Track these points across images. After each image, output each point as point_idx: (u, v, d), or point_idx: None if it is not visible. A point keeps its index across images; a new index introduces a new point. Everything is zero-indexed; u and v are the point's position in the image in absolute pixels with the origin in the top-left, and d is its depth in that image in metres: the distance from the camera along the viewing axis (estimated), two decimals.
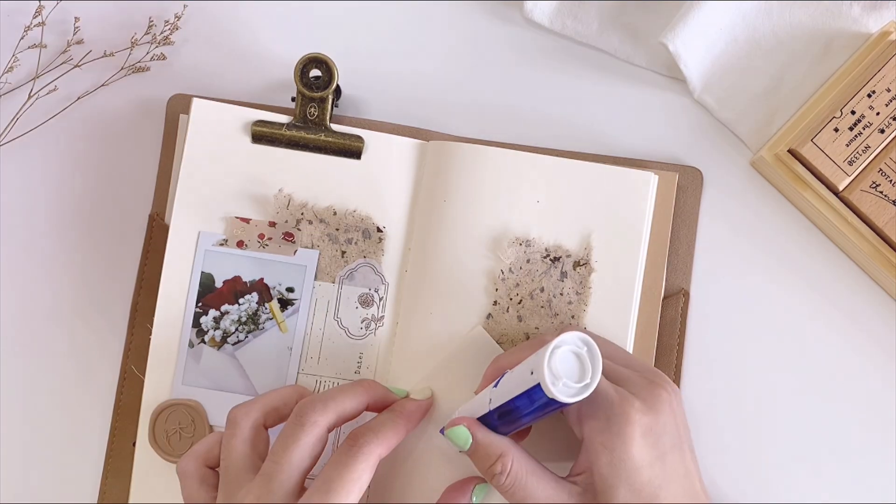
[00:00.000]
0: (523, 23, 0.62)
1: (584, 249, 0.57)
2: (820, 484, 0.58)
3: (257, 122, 0.58)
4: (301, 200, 0.58)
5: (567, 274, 0.57)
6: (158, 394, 0.57)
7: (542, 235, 0.57)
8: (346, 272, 0.57)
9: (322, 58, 0.57)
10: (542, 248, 0.57)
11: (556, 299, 0.56)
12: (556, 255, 0.57)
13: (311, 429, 0.48)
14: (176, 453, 0.56)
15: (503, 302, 0.56)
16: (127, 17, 0.62)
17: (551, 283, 0.57)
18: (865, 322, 0.59)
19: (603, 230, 0.57)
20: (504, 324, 0.56)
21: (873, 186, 0.57)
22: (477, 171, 0.57)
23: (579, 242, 0.57)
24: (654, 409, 0.48)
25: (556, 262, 0.57)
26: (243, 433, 0.49)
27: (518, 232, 0.57)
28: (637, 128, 0.61)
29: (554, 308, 0.56)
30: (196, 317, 0.57)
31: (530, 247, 0.57)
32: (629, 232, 0.57)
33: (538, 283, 0.57)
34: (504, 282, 0.56)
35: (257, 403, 0.51)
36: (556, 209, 0.57)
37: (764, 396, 0.59)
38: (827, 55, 0.60)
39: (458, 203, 0.57)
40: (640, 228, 0.57)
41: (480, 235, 0.57)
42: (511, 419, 0.48)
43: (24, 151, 0.61)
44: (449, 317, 0.56)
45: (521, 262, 0.57)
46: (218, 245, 0.57)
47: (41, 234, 0.60)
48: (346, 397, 0.50)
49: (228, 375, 0.57)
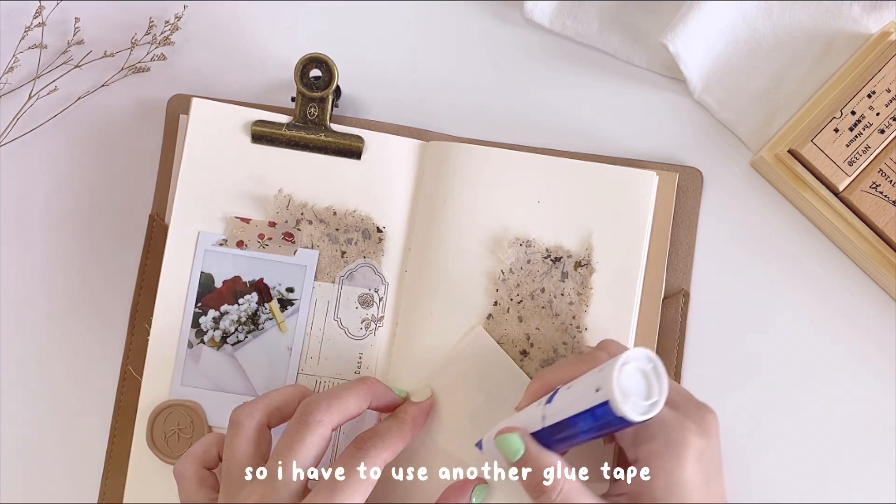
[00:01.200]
0: (523, 23, 0.62)
1: (584, 250, 0.57)
2: (820, 484, 0.58)
3: (257, 122, 0.58)
4: (301, 200, 0.58)
5: (568, 274, 0.56)
6: (157, 394, 0.57)
7: (542, 236, 0.57)
8: (345, 272, 0.57)
9: (322, 58, 0.57)
10: (543, 248, 0.57)
11: (556, 300, 0.56)
12: (557, 256, 0.57)
13: (317, 428, 0.48)
14: (174, 454, 0.56)
15: (503, 302, 0.56)
16: (127, 17, 0.62)
17: (552, 283, 0.56)
18: (865, 322, 0.59)
19: (604, 230, 0.57)
20: (505, 324, 0.56)
21: (873, 187, 0.57)
22: (477, 172, 0.57)
23: (580, 243, 0.57)
24: (706, 434, 0.48)
25: (556, 263, 0.57)
26: (247, 433, 0.49)
27: (518, 232, 0.57)
28: (637, 128, 0.61)
29: (555, 308, 0.56)
30: (195, 317, 0.57)
31: (531, 247, 0.57)
32: (630, 232, 0.57)
33: (539, 284, 0.57)
34: (504, 282, 0.56)
35: (260, 403, 0.50)
36: (557, 209, 0.57)
37: (764, 396, 0.59)
38: (827, 55, 0.60)
39: (459, 203, 0.57)
40: (642, 228, 0.57)
41: (481, 236, 0.57)
42: (566, 437, 0.47)
43: (24, 151, 0.61)
44: (449, 317, 0.56)
45: (521, 263, 0.56)
46: (217, 245, 0.57)
47: (41, 234, 0.60)
48: (349, 396, 0.50)
49: (228, 376, 0.57)
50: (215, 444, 0.51)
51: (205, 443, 0.51)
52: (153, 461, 0.56)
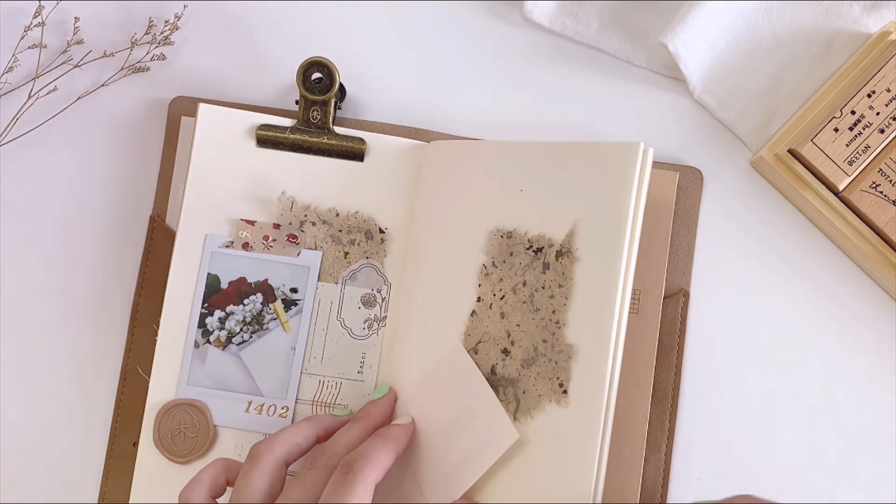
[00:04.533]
0: (523, 23, 0.62)
1: (566, 237, 0.51)
2: (820, 483, 0.58)
3: (262, 126, 0.58)
4: (305, 202, 0.58)
5: (549, 265, 0.52)
6: (163, 394, 0.57)
7: (525, 226, 0.53)
8: (348, 273, 0.58)
9: (323, 61, 0.57)
10: (526, 239, 0.53)
11: (538, 293, 0.52)
12: (539, 246, 0.53)
13: (258, 463, 0.49)
14: (180, 453, 0.56)
15: (486, 298, 0.54)
16: (127, 17, 0.62)
17: (534, 276, 0.53)
18: (865, 322, 0.59)
19: (587, 213, 0.51)
20: (487, 321, 0.54)
21: (873, 186, 0.57)
22: (464, 167, 0.56)
23: (563, 230, 0.52)
24: None
25: (538, 254, 0.53)
26: (264, 467, 0.50)
27: (502, 224, 0.54)
28: (637, 128, 0.61)
29: (535, 303, 0.52)
30: (202, 317, 0.57)
31: (512, 238, 0.54)
32: (613, 210, 0.50)
33: (521, 277, 0.53)
34: (488, 277, 0.54)
35: (279, 439, 0.51)
36: (540, 196, 0.53)
37: (764, 396, 0.59)
38: (827, 55, 0.61)
39: (449, 200, 0.57)
40: (626, 205, 0.50)
41: (470, 231, 0.55)
42: None
43: (24, 151, 0.61)
44: (437, 315, 0.56)
45: (504, 256, 0.54)
46: (224, 247, 0.58)
47: (41, 234, 0.60)
48: (292, 431, 0.52)
49: (233, 375, 0.57)
50: (223, 470, 0.51)
51: (213, 469, 0.51)
52: (159, 460, 0.56)
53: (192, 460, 0.57)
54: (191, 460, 0.56)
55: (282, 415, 0.57)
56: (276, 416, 0.57)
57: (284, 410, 0.57)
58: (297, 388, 0.57)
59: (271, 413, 0.57)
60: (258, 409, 0.57)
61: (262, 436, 0.57)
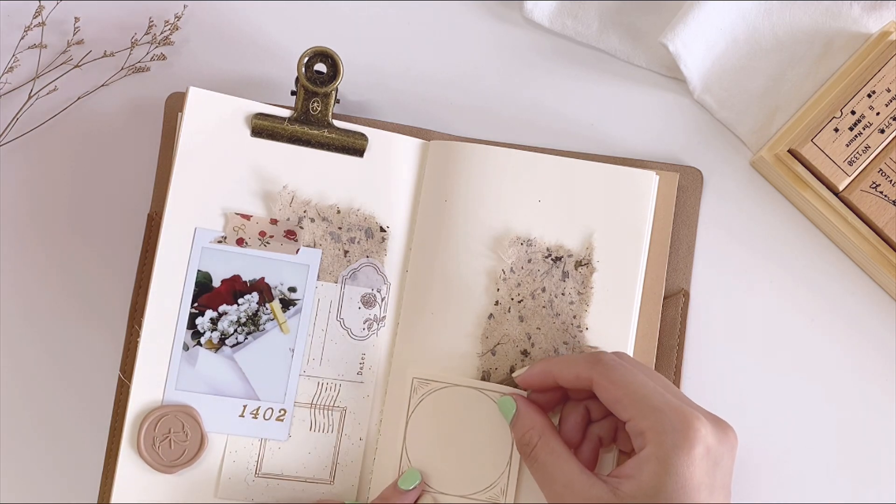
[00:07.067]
0: (523, 23, 0.62)
1: (585, 249, 0.57)
2: (820, 483, 0.58)
3: (258, 115, 0.56)
4: (304, 197, 0.57)
5: (569, 274, 0.57)
6: (149, 399, 0.55)
7: (543, 235, 0.57)
8: (348, 272, 0.57)
9: (328, 52, 0.56)
10: (544, 247, 0.57)
11: (557, 299, 0.56)
12: (558, 255, 0.57)
13: None
14: (166, 462, 0.54)
15: (504, 302, 0.56)
16: (127, 17, 0.62)
17: (553, 283, 0.57)
18: (865, 322, 0.59)
19: (604, 229, 0.57)
20: (506, 324, 0.56)
21: (873, 186, 0.57)
22: (478, 171, 0.57)
23: (581, 242, 0.57)
24: (718, 437, 0.48)
25: (557, 262, 0.57)
26: None
27: (519, 231, 0.57)
28: (637, 128, 0.61)
29: (555, 308, 0.56)
30: (191, 318, 0.55)
31: (531, 246, 0.57)
32: (631, 231, 0.57)
33: (539, 283, 0.57)
34: (505, 282, 0.56)
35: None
36: (558, 209, 0.57)
37: (764, 396, 0.59)
38: (827, 55, 0.61)
39: (460, 202, 0.57)
40: (642, 227, 0.57)
41: (481, 235, 0.57)
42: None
43: (24, 151, 0.61)
44: (449, 316, 0.56)
45: (522, 262, 0.57)
46: (216, 242, 0.55)
47: (41, 233, 0.60)
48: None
49: (227, 379, 0.55)
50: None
51: None
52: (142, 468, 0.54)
53: (178, 468, 0.54)
54: (177, 468, 0.54)
55: (279, 418, 0.56)
56: (272, 420, 0.56)
57: (282, 413, 0.56)
58: (295, 391, 0.56)
59: (268, 417, 0.56)
60: (254, 414, 0.55)
61: (257, 441, 0.55)
